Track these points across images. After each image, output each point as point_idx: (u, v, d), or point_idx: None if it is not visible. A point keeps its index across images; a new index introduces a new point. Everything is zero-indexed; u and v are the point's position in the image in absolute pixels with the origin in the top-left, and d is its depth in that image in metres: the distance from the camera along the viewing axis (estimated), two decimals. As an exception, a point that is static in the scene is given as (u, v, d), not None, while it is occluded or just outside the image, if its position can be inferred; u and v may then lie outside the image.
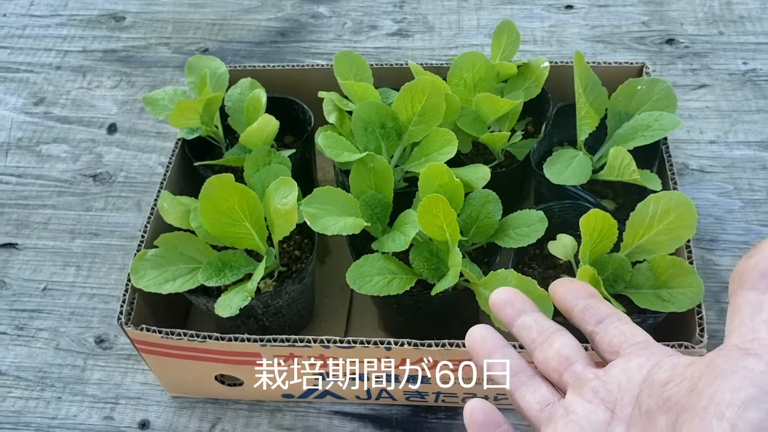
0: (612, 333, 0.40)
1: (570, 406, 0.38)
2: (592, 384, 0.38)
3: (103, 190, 0.88)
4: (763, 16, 1.00)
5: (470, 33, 1.02)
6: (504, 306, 0.43)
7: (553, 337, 0.41)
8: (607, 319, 0.41)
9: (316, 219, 0.59)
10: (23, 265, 0.81)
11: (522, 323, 0.42)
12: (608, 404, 0.37)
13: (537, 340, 0.41)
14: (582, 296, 0.43)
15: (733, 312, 0.34)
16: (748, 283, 0.34)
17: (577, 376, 0.39)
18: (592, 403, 0.37)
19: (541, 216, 0.62)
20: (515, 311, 0.43)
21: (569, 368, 0.40)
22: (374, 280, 0.59)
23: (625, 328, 0.40)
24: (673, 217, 0.56)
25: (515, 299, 0.43)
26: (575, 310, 0.42)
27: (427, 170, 0.61)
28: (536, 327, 0.42)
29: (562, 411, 0.38)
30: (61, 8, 1.13)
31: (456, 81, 0.71)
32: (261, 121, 0.66)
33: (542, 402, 0.39)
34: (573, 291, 0.43)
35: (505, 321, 0.43)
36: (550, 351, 0.41)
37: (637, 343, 0.39)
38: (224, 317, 0.58)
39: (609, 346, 0.40)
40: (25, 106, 0.99)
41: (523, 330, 0.42)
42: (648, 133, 0.65)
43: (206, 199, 0.59)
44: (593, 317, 0.41)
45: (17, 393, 0.71)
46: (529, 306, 0.43)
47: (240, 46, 1.04)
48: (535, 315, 0.42)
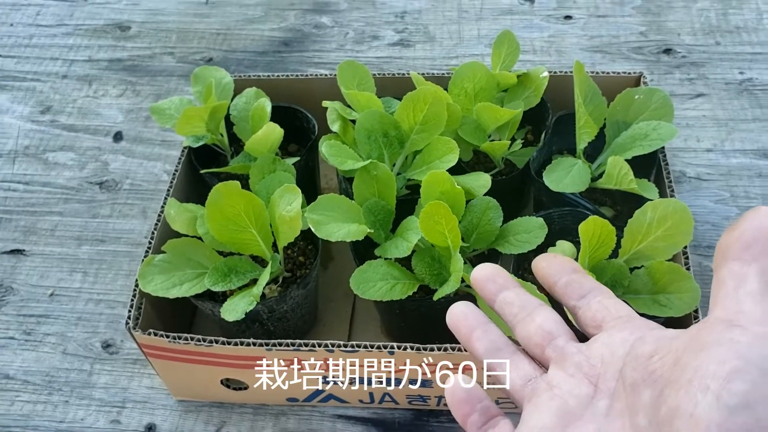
0: (595, 307, 0.40)
1: (553, 380, 0.38)
2: (574, 358, 0.38)
3: (109, 198, 0.89)
4: (759, 26, 1.02)
5: (471, 43, 1.04)
6: (485, 282, 0.43)
7: (536, 312, 0.41)
8: (590, 293, 0.41)
9: (321, 225, 0.60)
10: (30, 271, 0.82)
11: (504, 298, 0.42)
12: (591, 378, 0.37)
13: (519, 315, 0.41)
14: (565, 271, 0.42)
15: (718, 284, 0.33)
16: (732, 254, 0.33)
17: (560, 351, 0.39)
18: (575, 378, 0.37)
19: (541, 223, 0.63)
20: (497, 287, 0.42)
21: (552, 343, 0.39)
22: (377, 286, 0.60)
23: (608, 302, 0.40)
24: (670, 224, 0.57)
25: (497, 275, 0.43)
26: (558, 284, 0.42)
27: (429, 178, 0.62)
28: (518, 302, 0.42)
29: (544, 386, 0.38)
30: (67, 18, 1.14)
31: (457, 90, 0.72)
32: (266, 130, 0.67)
33: (525, 377, 0.39)
34: (556, 266, 0.43)
35: (487, 297, 0.43)
36: (532, 326, 0.40)
37: (621, 317, 0.39)
38: (229, 322, 0.59)
39: (592, 321, 0.40)
40: (32, 114, 1.00)
41: (505, 305, 0.42)
42: (646, 142, 0.67)
43: (213, 205, 0.60)
44: (576, 292, 0.41)
45: (25, 397, 0.72)
46: (511, 282, 0.43)
47: (244, 56, 1.05)
48: (516, 290, 0.42)
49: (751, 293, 0.32)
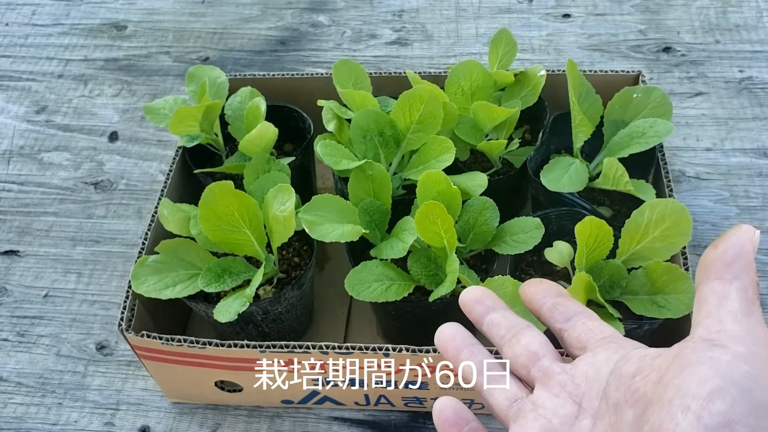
0: (580, 329, 0.40)
1: (538, 400, 0.38)
2: (559, 378, 0.38)
3: (104, 198, 0.88)
4: (759, 24, 1.01)
5: (468, 41, 1.03)
6: (474, 304, 0.43)
7: (521, 333, 0.41)
8: (576, 316, 0.41)
9: (315, 226, 0.60)
10: (25, 272, 0.82)
11: (491, 320, 0.42)
12: (575, 398, 0.37)
13: (505, 336, 0.41)
14: (551, 294, 0.43)
15: (700, 302, 0.34)
16: (714, 273, 0.33)
17: (545, 371, 0.39)
18: (560, 397, 0.37)
19: (537, 223, 0.62)
20: (484, 309, 0.43)
21: (537, 363, 0.40)
22: (372, 287, 0.60)
23: (592, 324, 0.40)
24: (668, 224, 0.56)
25: (485, 297, 0.43)
26: (544, 308, 0.42)
27: (425, 178, 0.61)
28: (505, 323, 0.42)
29: (530, 406, 0.38)
30: (63, 17, 1.14)
31: (453, 89, 0.72)
32: (260, 129, 0.67)
33: (511, 398, 0.39)
34: (542, 290, 0.43)
35: (475, 319, 0.43)
36: (518, 347, 0.41)
37: (605, 337, 0.39)
38: (224, 323, 0.59)
39: (577, 342, 0.40)
40: (27, 114, 0.99)
41: (492, 327, 0.42)
42: (643, 140, 0.66)
43: (206, 206, 0.60)
44: (561, 315, 0.41)
45: (18, 399, 0.71)
46: (499, 304, 0.43)
47: (240, 55, 1.05)
48: (503, 312, 0.43)
49: (732, 312, 0.32)
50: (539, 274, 0.67)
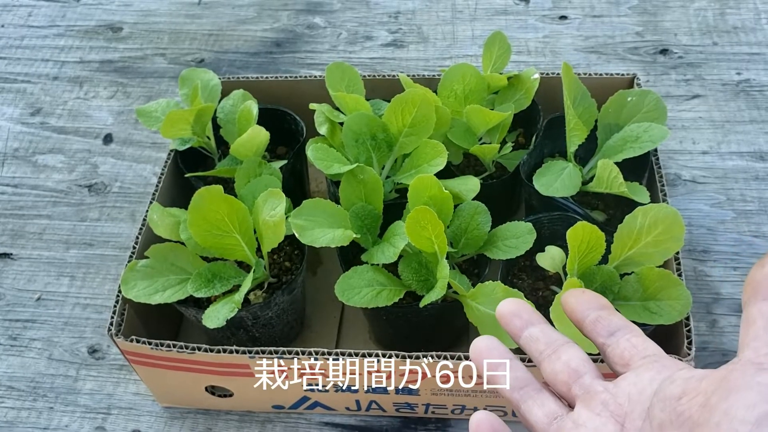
0: (623, 345, 0.40)
1: (579, 419, 0.38)
2: (601, 397, 0.38)
3: (98, 201, 0.88)
4: (757, 26, 1.00)
5: (465, 44, 1.03)
6: (511, 317, 0.43)
7: (562, 349, 0.41)
8: (619, 331, 0.41)
9: (305, 231, 0.59)
10: (17, 275, 0.82)
11: (529, 335, 0.42)
12: (618, 417, 0.36)
13: (545, 352, 0.41)
14: (594, 307, 0.42)
15: (747, 324, 0.33)
16: (761, 293, 0.33)
17: (586, 389, 0.39)
18: (602, 416, 0.37)
19: (529, 228, 0.62)
20: (522, 323, 0.42)
21: (578, 381, 0.39)
22: (363, 292, 0.59)
23: (636, 340, 0.40)
24: (661, 229, 0.56)
25: (522, 310, 0.43)
26: (587, 321, 0.42)
27: (416, 182, 0.61)
28: (544, 339, 0.41)
29: (570, 424, 0.38)
30: (59, 19, 1.13)
31: (446, 93, 0.71)
32: (251, 133, 0.66)
33: (550, 415, 0.39)
34: (585, 302, 0.43)
35: (512, 332, 0.43)
36: (558, 363, 0.40)
37: (648, 356, 0.39)
38: (214, 328, 0.58)
39: (620, 359, 0.39)
40: (22, 116, 0.99)
41: (531, 342, 0.42)
42: (637, 144, 0.66)
43: (196, 210, 0.59)
44: (605, 329, 0.41)
45: (9, 403, 0.71)
46: (537, 318, 0.43)
47: (236, 57, 1.04)
48: (542, 326, 0.42)
49: None
50: (531, 279, 0.66)
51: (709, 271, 0.75)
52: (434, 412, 0.65)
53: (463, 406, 0.63)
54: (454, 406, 0.64)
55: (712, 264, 0.76)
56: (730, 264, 0.76)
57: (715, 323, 0.71)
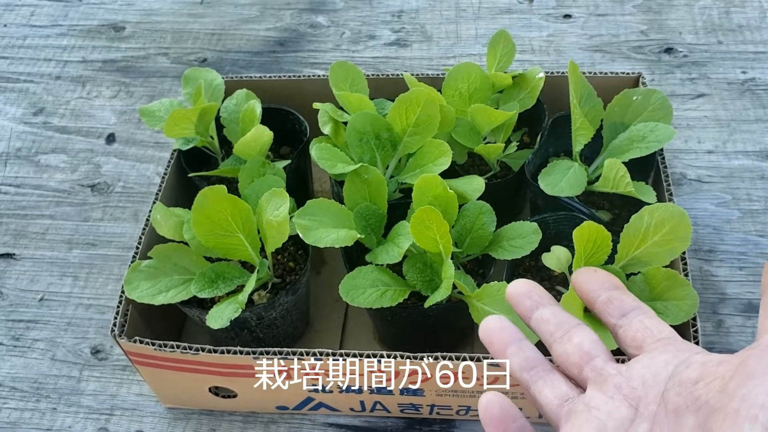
0: (636, 327, 0.39)
1: (591, 401, 0.37)
2: (614, 380, 0.37)
3: (101, 200, 0.88)
4: (762, 25, 1.00)
5: (468, 42, 1.02)
6: (522, 298, 0.42)
7: (573, 331, 0.40)
8: (632, 312, 0.40)
9: (309, 231, 0.59)
10: (20, 276, 0.81)
11: (540, 316, 0.41)
12: (631, 401, 0.36)
13: (555, 333, 0.40)
14: (606, 287, 0.42)
15: (765, 309, 0.33)
16: None
17: (599, 372, 0.38)
18: (615, 399, 0.36)
19: (535, 228, 0.61)
20: (533, 303, 0.42)
21: (590, 363, 0.39)
22: (367, 292, 0.59)
23: (649, 322, 0.39)
24: (668, 229, 0.56)
25: (533, 291, 0.42)
26: (598, 301, 0.41)
27: (421, 182, 0.61)
28: (554, 320, 0.41)
29: (582, 406, 0.37)
30: (62, 18, 1.13)
31: (451, 92, 0.71)
32: (254, 132, 0.66)
33: (561, 397, 0.38)
34: (597, 281, 0.42)
35: (523, 313, 0.42)
36: (569, 345, 0.40)
37: (662, 338, 0.38)
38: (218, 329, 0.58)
39: (632, 341, 0.39)
40: (25, 116, 0.99)
41: (541, 323, 0.41)
42: (643, 144, 0.65)
43: (199, 210, 0.59)
44: (617, 309, 0.40)
45: (13, 404, 0.71)
46: (548, 299, 0.42)
47: (239, 56, 1.04)
48: (553, 308, 0.42)
49: None
50: (537, 280, 0.66)
51: (714, 271, 0.75)
52: (439, 413, 0.65)
53: (468, 407, 0.63)
54: (459, 407, 0.63)
55: (718, 264, 0.75)
56: (736, 264, 0.75)
57: (721, 323, 0.71)
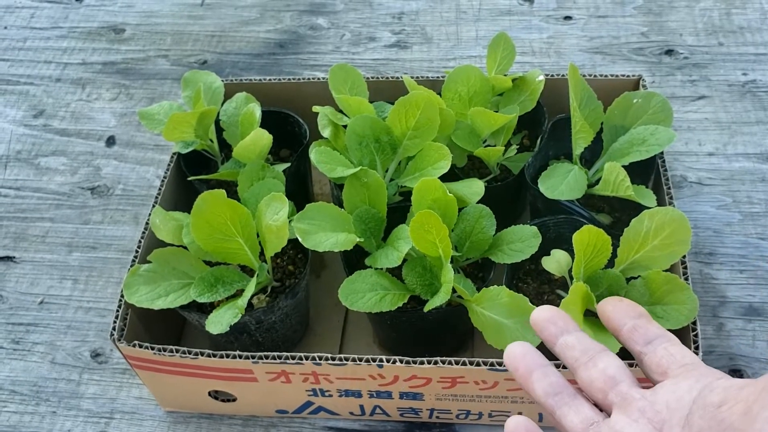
0: (660, 354, 0.40)
1: (616, 425, 0.38)
2: (639, 404, 0.38)
3: (101, 203, 0.88)
4: (763, 26, 0.99)
5: (468, 44, 1.02)
6: (546, 324, 0.43)
7: (598, 356, 0.41)
8: (656, 339, 0.41)
9: (308, 235, 0.59)
10: (20, 279, 0.81)
11: (565, 342, 0.42)
12: (656, 424, 0.37)
13: (580, 359, 0.41)
14: (631, 316, 0.43)
15: None
16: None
17: (623, 396, 0.39)
18: (639, 423, 0.37)
19: (534, 231, 0.61)
20: (558, 330, 0.43)
21: (615, 388, 0.39)
22: (366, 297, 0.59)
23: (673, 349, 0.40)
24: (668, 233, 0.55)
25: (557, 317, 0.43)
26: (624, 329, 0.42)
27: (420, 185, 0.60)
28: (579, 346, 0.42)
29: (607, 430, 0.38)
30: (62, 21, 1.13)
31: (451, 95, 0.71)
32: (254, 136, 0.66)
33: (586, 421, 0.39)
34: (622, 310, 0.43)
35: (547, 339, 0.43)
36: (594, 370, 0.40)
37: (686, 364, 0.39)
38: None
39: (657, 367, 0.40)
40: (25, 118, 0.99)
41: (566, 349, 0.42)
42: (643, 147, 0.65)
43: (198, 214, 0.59)
44: (642, 337, 0.41)
45: (12, 407, 0.71)
46: (572, 325, 0.43)
47: (239, 58, 1.04)
48: (577, 334, 0.42)
49: None
50: (537, 283, 0.66)
51: (715, 274, 0.75)
52: (439, 417, 0.65)
53: (468, 411, 0.63)
54: (458, 411, 0.63)
55: (718, 267, 0.75)
56: (736, 267, 0.75)
57: (721, 327, 0.71)
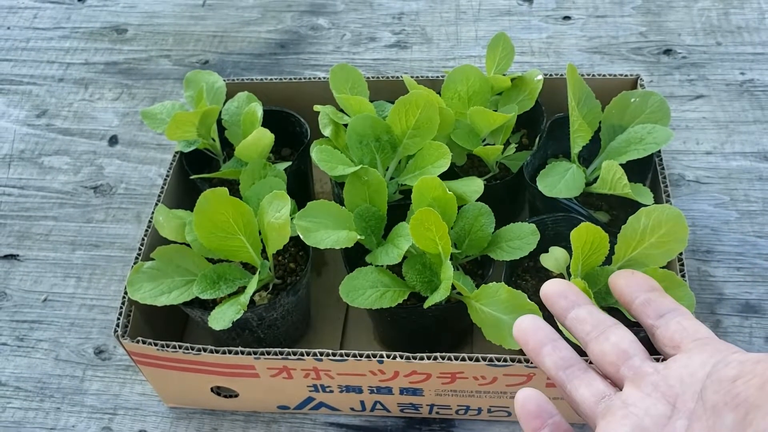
0: (673, 328, 0.40)
1: (628, 399, 0.38)
2: (651, 378, 0.38)
3: (104, 202, 0.89)
4: (761, 26, 1.00)
5: (468, 44, 1.03)
6: (557, 298, 0.43)
7: (610, 330, 0.41)
8: (669, 313, 0.41)
9: (309, 232, 0.60)
10: (24, 277, 0.82)
11: (576, 315, 0.42)
12: (669, 398, 0.36)
13: (592, 333, 0.41)
14: (643, 289, 0.42)
15: None
16: None
17: (636, 370, 0.39)
18: (652, 397, 0.37)
19: (533, 229, 0.62)
20: (569, 303, 0.42)
21: (627, 362, 0.39)
22: (367, 293, 0.59)
23: (687, 323, 0.40)
24: (665, 231, 0.56)
25: (568, 291, 0.43)
26: (636, 302, 0.42)
27: (420, 183, 0.61)
28: (591, 320, 0.41)
29: (619, 403, 0.38)
30: (64, 21, 1.14)
31: (450, 94, 0.71)
32: (255, 135, 0.67)
33: (598, 395, 0.39)
34: (634, 283, 0.43)
35: (558, 313, 0.43)
36: (606, 344, 0.40)
37: (700, 338, 0.39)
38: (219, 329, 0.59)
39: (670, 341, 0.39)
40: (28, 118, 1.00)
41: (577, 322, 0.42)
42: (641, 146, 0.66)
43: (201, 212, 0.60)
44: (654, 311, 0.41)
45: (17, 404, 0.72)
46: (583, 298, 0.43)
47: (240, 58, 1.05)
48: (589, 308, 0.42)
49: None
50: (535, 280, 0.67)
51: (712, 272, 0.75)
52: (438, 412, 0.65)
53: (468, 406, 0.63)
54: (458, 407, 0.64)
55: (715, 264, 0.76)
56: (733, 264, 0.76)
57: (718, 323, 0.71)
